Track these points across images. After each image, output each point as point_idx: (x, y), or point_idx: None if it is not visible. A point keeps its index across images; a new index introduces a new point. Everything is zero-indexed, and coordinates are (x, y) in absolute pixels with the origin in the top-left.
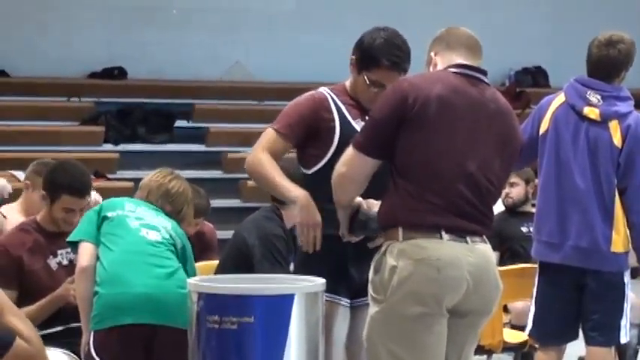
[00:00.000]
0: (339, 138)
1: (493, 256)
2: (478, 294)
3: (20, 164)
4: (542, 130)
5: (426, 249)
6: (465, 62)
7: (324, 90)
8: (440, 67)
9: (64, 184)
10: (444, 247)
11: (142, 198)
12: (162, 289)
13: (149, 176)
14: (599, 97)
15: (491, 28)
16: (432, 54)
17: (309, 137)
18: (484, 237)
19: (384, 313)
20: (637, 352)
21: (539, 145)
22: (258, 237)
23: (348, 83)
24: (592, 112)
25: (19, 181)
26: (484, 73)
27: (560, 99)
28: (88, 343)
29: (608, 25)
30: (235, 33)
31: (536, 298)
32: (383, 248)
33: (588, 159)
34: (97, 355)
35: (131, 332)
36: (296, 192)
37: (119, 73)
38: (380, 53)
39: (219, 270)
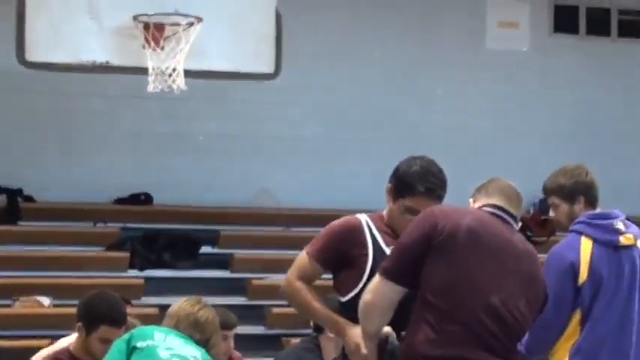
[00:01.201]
0: (372, 266)
1: None
2: None
3: (45, 290)
4: (580, 282)
5: None
6: (499, 204)
7: (360, 216)
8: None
9: (103, 314)
10: None
11: (170, 326)
12: None
13: (177, 304)
14: (621, 223)
15: (515, 156)
16: (471, 200)
17: (342, 263)
18: None
19: None
20: None
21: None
22: None
23: (384, 212)
24: (627, 239)
25: (44, 306)
26: (515, 219)
27: (586, 244)
28: None
29: (627, 152)
30: (261, 159)
31: None
32: None
33: (638, 287)
34: None
35: None
36: (343, 330)
37: (145, 198)
38: (415, 180)
39: None
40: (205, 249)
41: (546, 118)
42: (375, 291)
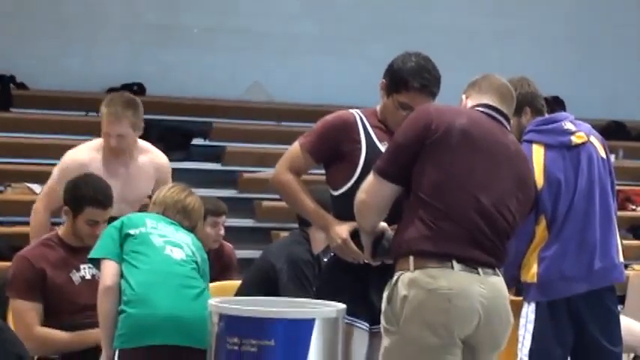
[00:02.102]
0: (365, 160)
1: (505, 289)
2: (489, 327)
3: (37, 177)
4: (538, 188)
5: (437, 279)
6: (492, 104)
7: (354, 111)
8: (468, 106)
9: (88, 196)
10: (455, 277)
11: (158, 213)
12: (190, 311)
13: (163, 192)
14: (570, 122)
15: (511, 56)
16: (464, 96)
17: (335, 157)
18: (497, 269)
19: (397, 344)
20: None
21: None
22: (286, 261)
23: (378, 107)
24: (580, 137)
25: (36, 193)
26: (508, 119)
27: (538, 151)
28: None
29: (623, 57)
30: (255, 54)
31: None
32: (395, 278)
33: (597, 181)
34: None
35: (157, 353)
36: (328, 226)
37: (138, 89)
38: (410, 76)
39: (243, 292)
40: (197, 141)
41: (543, 18)
42: (370, 190)
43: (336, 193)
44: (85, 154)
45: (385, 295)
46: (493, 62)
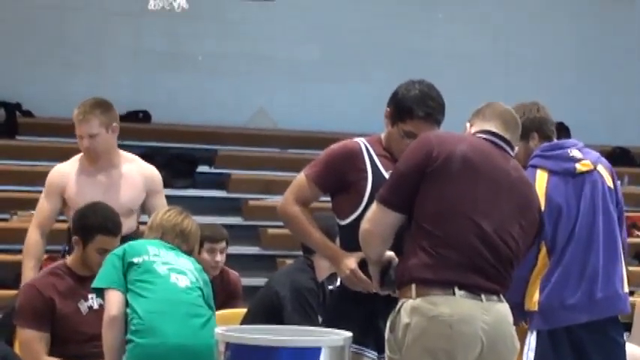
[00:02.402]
0: (371, 189)
1: (510, 315)
2: (493, 354)
3: None
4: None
5: (439, 305)
6: (494, 130)
7: (359, 140)
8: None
9: (97, 224)
10: (457, 304)
11: (156, 238)
12: (198, 339)
13: (159, 215)
14: (576, 150)
15: (513, 84)
16: (468, 125)
17: (342, 187)
18: (501, 296)
19: None
20: None
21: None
22: (290, 289)
23: (383, 135)
24: (585, 165)
25: None
26: (510, 146)
27: (541, 176)
28: None
29: (628, 82)
30: (260, 80)
31: None
32: (397, 306)
33: (601, 209)
34: None
35: None
36: (336, 258)
37: (143, 116)
38: (414, 104)
39: (248, 320)
40: (202, 168)
41: (547, 44)
42: (374, 219)
43: (343, 223)
44: (67, 165)
45: (388, 323)
46: (496, 87)
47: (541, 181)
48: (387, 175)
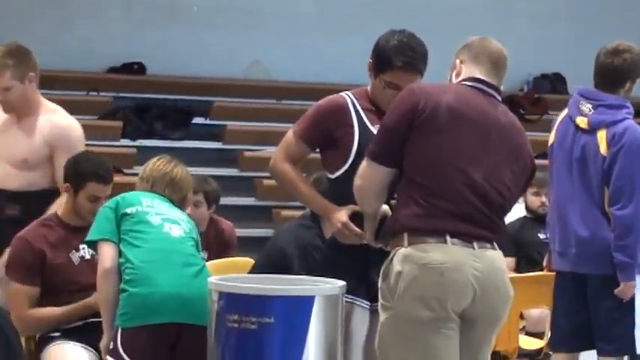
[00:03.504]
0: (358, 143)
1: (503, 262)
2: (485, 301)
3: None
4: (549, 143)
5: (430, 253)
6: (482, 77)
7: (345, 94)
8: (462, 77)
9: (89, 171)
10: (449, 251)
11: (146, 189)
12: (191, 288)
13: (149, 166)
14: (590, 106)
15: (511, 34)
16: (458, 61)
17: (329, 142)
18: (494, 244)
19: (393, 320)
20: None
21: (549, 157)
22: (296, 247)
23: (369, 87)
24: (582, 122)
25: None
26: (498, 91)
27: (564, 112)
28: (114, 341)
29: (628, 32)
30: (255, 33)
31: (553, 306)
32: (390, 255)
33: (581, 168)
34: (124, 351)
35: (159, 331)
36: (327, 212)
37: (138, 68)
38: (393, 55)
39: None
40: (198, 120)
41: None
42: (365, 175)
43: (331, 177)
44: None
45: (381, 271)
46: (494, 36)
47: (562, 115)
48: (373, 130)
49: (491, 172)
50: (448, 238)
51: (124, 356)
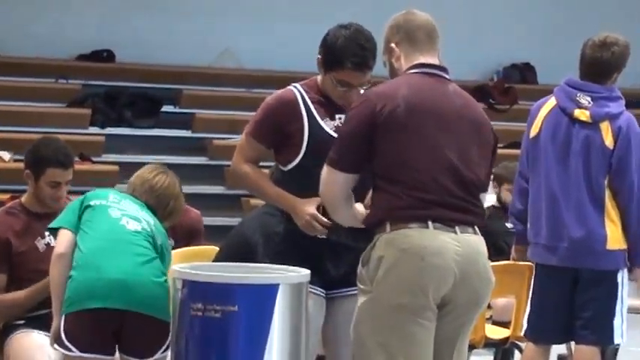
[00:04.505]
0: (308, 138)
1: (484, 247)
2: (466, 286)
3: (5, 145)
4: (532, 134)
5: (412, 237)
6: (426, 61)
7: (293, 88)
8: (403, 64)
9: (48, 157)
10: (430, 236)
11: (127, 193)
12: (136, 276)
13: (137, 172)
14: (589, 98)
15: (480, 23)
16: (393, 45)
17: (281, 139)
18: (475, 228)
19: (370, 303)
20: (616, 351)
21: (528, 149)
22: (261, 235)
23: (319, 78)
24: (582, 115)
25: (5, 161)
26: (445, 70)
27: (550, 103)
28: (59, 327)
29: (598, 23)
30: (225, 20)
31: (532, 298)
32: (372, 242)
33: (581, 161)
34: (66, 338)
35: (101, 317)
36: (294, 205)
37: (108, 56)
38: (343, 55)
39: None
40: (167, 108)
41: None
42: (329, 182)
43: (284, 169)
44: None
45: (361, 258)
46: (463, 28)
47: (548, 107)
48: (322, 122)
49: (461, 153)
50: (430, 223)
51: (66, 343)
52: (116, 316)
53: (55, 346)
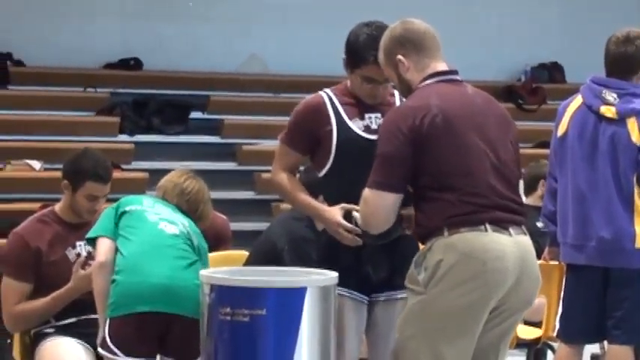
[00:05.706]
0: (337, 138)
1: (532, 246)
2: (521, 286)
3: (36, 154)
4: (559, 134)
5: (472, 242)
6: (441, 68)
7: (323, 92)
8: (416, 74)
9: (88, 170)
10: (490, 240)
11: (158, 197)
12: (180, 280)
13: (165, 177)
14: (615, 95)
15: (507, 23)
16: (400, 57)
17: (313, 144)
18: (523, 228)
19: (422, 305)
20: None
21: (556, 148)
22: (287, 241)
23: (348, 81)
24: (608, 111)
25: (35, 170)
26: (456, 72)
27: (577, 101)
28: (104, 332)
29: (624, 21)
30: (251, 25)
31: (563, 298)
32: (428, 245)
33: (608, 159)
34: (111, 342)
35: (146, 321)
36: (320, 214)
37: (135, 63)
38: (365, 50)
39: None
40: (195, 114)
41: None
42: (380, 207)
43: (320, 175)
44: None
45: (414, 260)
46: (491, 27)
47: (574, 105)
48: (351, 123)
49: (497, 152)
50: (487, 225)
51: (112, 347)
52: (161, 320)
53: (100, 350)
